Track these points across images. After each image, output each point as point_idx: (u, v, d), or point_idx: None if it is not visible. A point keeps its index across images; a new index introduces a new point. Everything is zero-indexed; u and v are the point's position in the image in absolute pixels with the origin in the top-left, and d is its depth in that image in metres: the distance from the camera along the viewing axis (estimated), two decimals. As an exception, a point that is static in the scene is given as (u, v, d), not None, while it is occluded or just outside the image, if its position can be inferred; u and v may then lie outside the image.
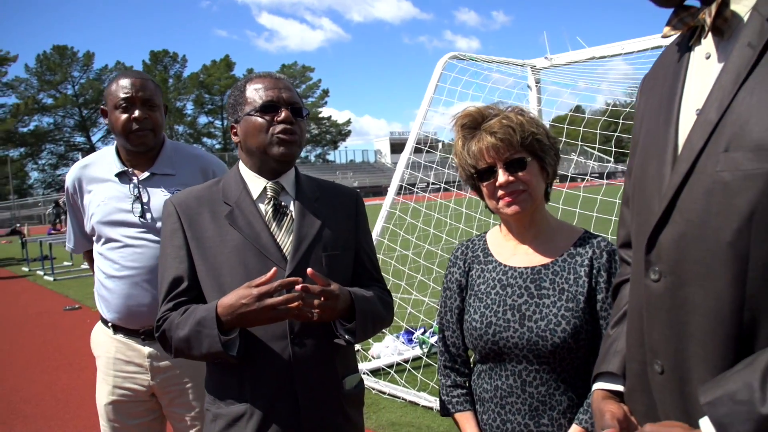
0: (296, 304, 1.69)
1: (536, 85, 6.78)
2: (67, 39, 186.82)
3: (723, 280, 1.11)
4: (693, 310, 1.16)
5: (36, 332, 9.11)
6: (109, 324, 2.67)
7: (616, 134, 5.82)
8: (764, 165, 1.06)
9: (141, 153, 2.66)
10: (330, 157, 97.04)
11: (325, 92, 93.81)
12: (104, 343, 2.69)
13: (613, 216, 4.25)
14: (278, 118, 1.92)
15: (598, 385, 1.48)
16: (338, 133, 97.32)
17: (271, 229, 1.94)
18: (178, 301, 1.90)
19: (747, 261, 1.08)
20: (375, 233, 5.99)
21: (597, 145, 6.52)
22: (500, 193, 1.80)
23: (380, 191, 43.90)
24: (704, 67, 1.24)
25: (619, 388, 1.43)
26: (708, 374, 1.13)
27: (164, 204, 2.05)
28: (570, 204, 5.47)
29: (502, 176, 1.78)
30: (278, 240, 1.93)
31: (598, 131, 6.40)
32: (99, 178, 2.70)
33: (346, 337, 1.87)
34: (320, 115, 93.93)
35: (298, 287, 1.70)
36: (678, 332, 1.19)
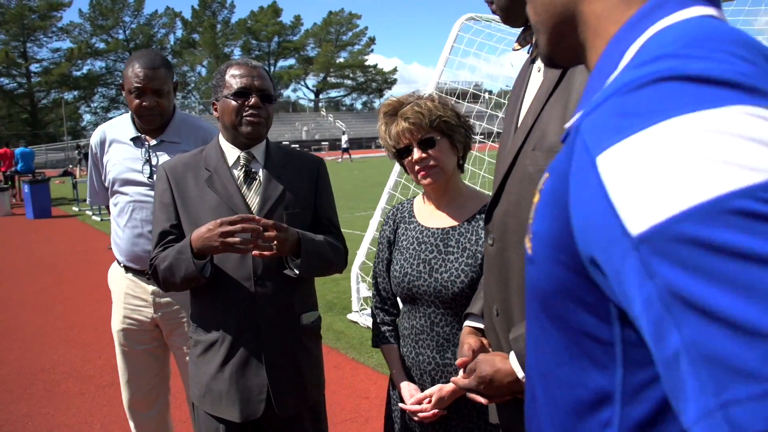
0: (252, 233, 2.11)
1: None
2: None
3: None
4: (512, 269, 1.55)
5: (81, 268, 9.81)
6: (121, 264, 3.15)
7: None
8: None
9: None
10: (377, 105, 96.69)
11: (371, 40, 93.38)
12: (117, 280, 3.18)
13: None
14: (248, 103, 2.31)
15: (465, 323, 1.89)
16: (384, 81, 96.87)
17: (242, 191, 2.36)
18: (166, 247, 2.35)
19: None
20: (388, 187, 6.39)
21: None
22: (416, 168, 2.15)
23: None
24: (536, 80, 1.58)
25: (480, 325, 1.84)
26: (523, 317, 1.52)
27: (158, 168, 2.49)
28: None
29: (416, 154, 2.13)
30: (248, 200, 2.35)
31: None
32: (117, 140, 3.13)
33: (295, 271, 2.29)
34: (366, 63, 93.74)
35: (253, 224, 2.13)
36: (504, 284, 1.59)
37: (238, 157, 2.40)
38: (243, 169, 2.40)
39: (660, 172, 0.56)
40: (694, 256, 0.52)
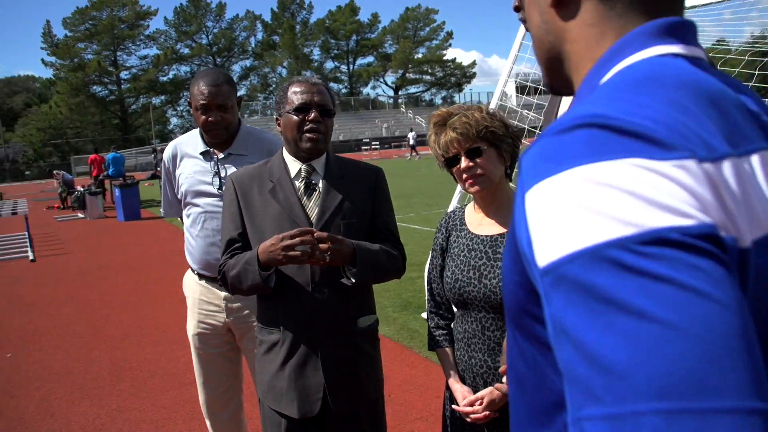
0: (309, 245, 2.24)
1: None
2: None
3: None
4: None
5: (167, 269, 10.18)
6: (195, 272, 3.33)
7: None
8: None
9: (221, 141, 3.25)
10: (456, 99, 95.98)
11: (449, 34, 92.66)
12: (191, 287, 3.36)
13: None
14: (308, 118, 2.45)
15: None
16: (463, 76, 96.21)
17: (303, 202, 2.49)
18: (233, 254, 2.51)
19: None
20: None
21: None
22: (464, 176, 2.22)
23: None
24: None
25: None
26: None
27: (226, 179, 2.64)
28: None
29: (463, 162, 2.20)
30: (307, 210, 2.48)
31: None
32: (188, 154, 3.31)
33: (351, 279, 2.40)
34: (444, 58, 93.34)
35: (310, 237, 2.25)
36: None
37: (300, 169, 2.53)
38: (304, 181, 2.52)
39: (558, 216, 0.64)
40: (573, 293, 0.60)
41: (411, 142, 43.57)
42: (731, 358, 0.54)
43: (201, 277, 3.29)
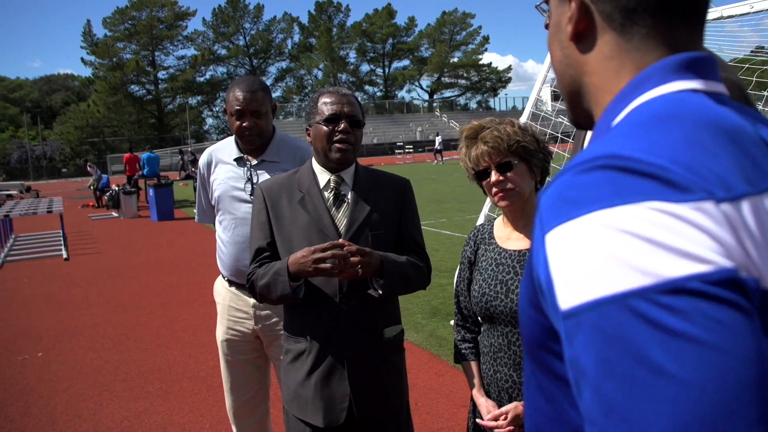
0: (338, 259, 2.23)
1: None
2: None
3: None
4: None
5: (199, 270, 10.26)
6: (225, 278, 3.32)
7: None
8: None
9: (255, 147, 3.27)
10: (491, 104, 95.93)
11: (486, 39, 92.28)
12: (221, 293, 3.36)
13: None
14: (338, 129, 2.44)
15: None
16: (498, 80, 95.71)
17: (331, 213, 2.48)
18: (262, 263, 2.50)
19: None
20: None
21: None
22: (494, 190, 2.21)
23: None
24: None
25: None
26: None
27: (255, 188, 2.63)
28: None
29: (493, 176, 2.18)
30: (336, 221, 2.47)
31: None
32: (222, 161, 3.33)
33: (379, 291, 2.39)
34: (480, 62, 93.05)
35: (341, 251, 2.25)
36: None
37: (329, 180, 2.52)
38: (333, 191, 2.51)
39: (580, 262, 0.65)
40: (595, 339, 0.62)
41: (437, 146, 42.84)
42: (746, 412, 0.56)
43: (231, 283, 3.29)
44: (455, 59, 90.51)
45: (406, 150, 53.00)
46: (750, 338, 0.58)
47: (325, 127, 2.45)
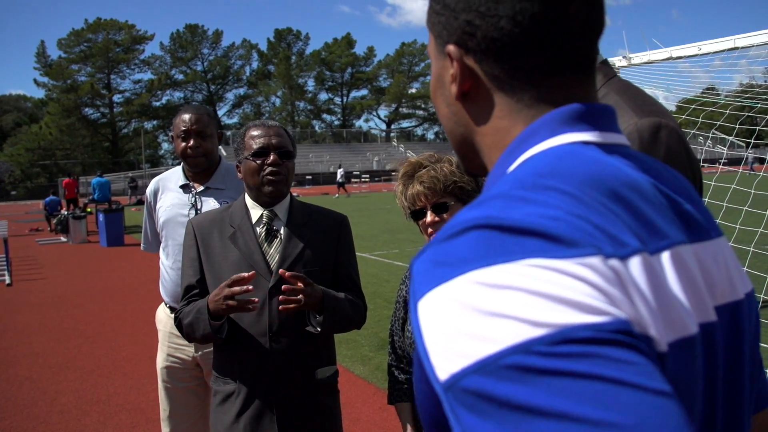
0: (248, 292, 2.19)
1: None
2: (198, 18, 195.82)
3: None
4: None
5: (145, 299, 10.00)
6: (167, 305, 3.32)
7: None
8: None
9: (200, 171, 3.29)
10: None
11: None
12: (163, 320, 3.35)
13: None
14: (267, 162, 2.42)
15: None
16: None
17: (263, 249, 2.45)
18: (190, 301, 2.47)
19: None
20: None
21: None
22: (429, 230, 2.18)
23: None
24: None
25: None
26: None
27: (186, 224, 2.61)
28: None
29: (429, 217, 2.16)
30: (267, 258, 2.44)
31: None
32: (169, 188, 3.37)
33: (317, 328, 2.35)
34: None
35: (285, 287, 2.21)
36: None
37: (261, 214, 2.50)
38: (265, 227, 2.49)
39: (453, 325, 0.59)
40: (482, 407, 0.55)
41: (338, 178, 40.43)
42: None
43: (172, 309, 3.27)
44: (413, 90, 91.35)
45: (363, 179, 53.07)
46: (660, 376, 0.55)
47: (254, 162, 2.43)
